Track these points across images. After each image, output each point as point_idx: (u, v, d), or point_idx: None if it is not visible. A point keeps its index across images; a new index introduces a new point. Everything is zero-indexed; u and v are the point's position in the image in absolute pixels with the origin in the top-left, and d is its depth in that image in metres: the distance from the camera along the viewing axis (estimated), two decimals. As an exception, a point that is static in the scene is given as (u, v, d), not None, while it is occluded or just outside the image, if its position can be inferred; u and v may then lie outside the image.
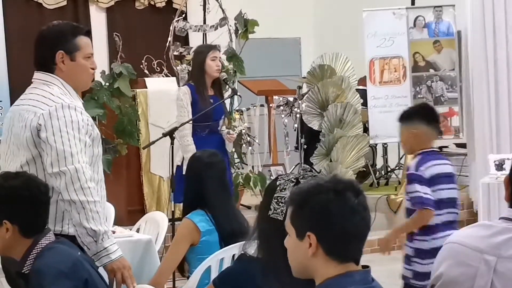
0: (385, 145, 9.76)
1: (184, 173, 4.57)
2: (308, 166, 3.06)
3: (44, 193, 3.24)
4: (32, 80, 3.71)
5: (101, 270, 3.46)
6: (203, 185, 4.34)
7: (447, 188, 4.47)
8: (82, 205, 3.41)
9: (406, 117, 4.56)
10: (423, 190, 4.40)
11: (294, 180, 2.94)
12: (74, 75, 3.65)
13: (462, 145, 9.21)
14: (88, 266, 3.27)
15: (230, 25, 8.54)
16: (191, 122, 6.66)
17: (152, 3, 10.92)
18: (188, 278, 4.35)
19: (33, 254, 3.18)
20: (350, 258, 2.26)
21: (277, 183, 2.95)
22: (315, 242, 2.24)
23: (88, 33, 3.72)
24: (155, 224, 5.57)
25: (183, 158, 6.68)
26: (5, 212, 3.17)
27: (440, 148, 9.79)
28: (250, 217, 6.28)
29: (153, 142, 6.42)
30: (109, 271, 3.47)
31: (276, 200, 2.93)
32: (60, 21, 3.91)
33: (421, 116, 4.51)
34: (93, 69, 3.71)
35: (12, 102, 10.04)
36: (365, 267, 2.30)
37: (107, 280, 3.46)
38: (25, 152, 3.54)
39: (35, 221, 3.22)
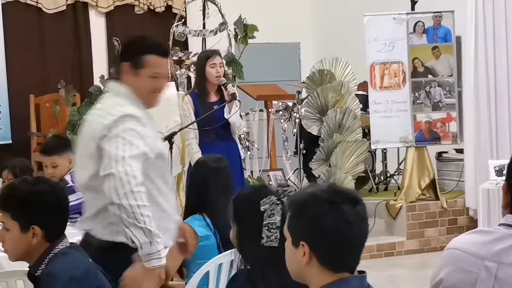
0: (384, 151, 9.74)
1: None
2: (284, 182, 3.08)
3: (66, 197, 3.24)
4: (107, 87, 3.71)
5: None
6: (208, 190, 4.33)
7: None
8: (132, 209, 3.35)
9: (61, 148, 5.66)
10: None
11: (279, 202, 2.93)
12: (135, 90, 3.62)
13: (462, 151, 9.20)
14: (100, 274, 3.26)
15: (230, 30, 8.53)
16: (196, 130, 6.66)
17: (152, 8, 10.92)
18: (186, 283, 4.34)
19: (47, 258, 3.16)
20: (345, 268, 2.25)
21: (262, 208, 2.93)
22: (308, 251, 2.22)
23: (164, 53, 3.67)
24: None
25: (190, 164, 6.68)
26: (34, 217, 3.14)
27: (440, 153, 9.79)
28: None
29: (152, 147, 6.40)
30: (151, 275, 3.41)
31: (267, 228, 2.91)
32: (148, 35, 3.86)
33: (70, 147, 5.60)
34: (158, 89, 3.65)
35: (11, 107, 10.13)
36: (361, 272, 2.29)
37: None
38: (93, 163, 3.50)
39: (59, 226, 3.21)
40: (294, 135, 9.06)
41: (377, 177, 9.82)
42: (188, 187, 4.53)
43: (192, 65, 8.21)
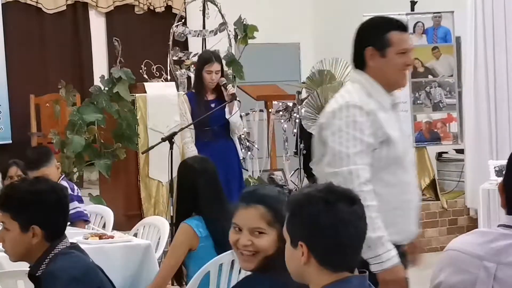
0: (384, 151, 9.74)
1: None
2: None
3: (66, 197, 3.24)
4: None
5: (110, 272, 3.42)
6: (197, 192, 4.34)
7: None
8: None
9: (47, 157, 5.65)
10: (82, 206, 5.70)
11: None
12: (383, 72, 3.47)
13: (462, 151, 9.20)
14: (101, 274, 3.27)
15: (230, 30, 8.54)
16: (193, 129, 6.70)
17: (152, 8, 10.93)
18: (186, 283, 4.34)
19: (48, 258, 3.16)
20: (345, 267, 2.25)
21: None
22: (306, 251, 2.23)
23: (404, 28, 3.54)
24: (155, 229, 5.55)
25: None
26: (34, 217, 3.14)
27: (440, 153, 9.79)
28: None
29: (153, 147, 6.41)
30: (380, 282, 3.22)
31: None
32: (378, 15, 3.70)
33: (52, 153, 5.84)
34: (408, 65, 3.51)
35: (10, 106, 10.14)
36: (362, 272, 2.29)
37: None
38: (318, 148, 3.44)
39: (59, 226, 3.21)
40: (294, 135, 9.07)
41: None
42: (177, 190, 4.52)
43: (192, 65, 8.22)
